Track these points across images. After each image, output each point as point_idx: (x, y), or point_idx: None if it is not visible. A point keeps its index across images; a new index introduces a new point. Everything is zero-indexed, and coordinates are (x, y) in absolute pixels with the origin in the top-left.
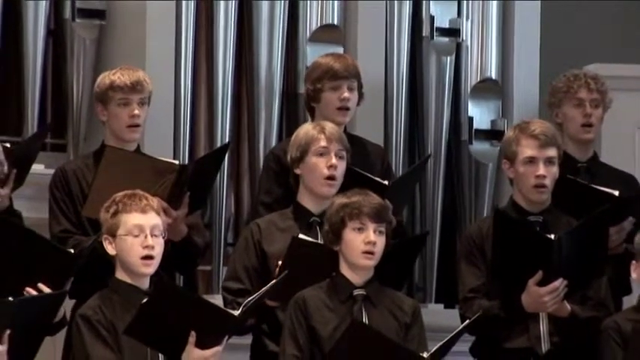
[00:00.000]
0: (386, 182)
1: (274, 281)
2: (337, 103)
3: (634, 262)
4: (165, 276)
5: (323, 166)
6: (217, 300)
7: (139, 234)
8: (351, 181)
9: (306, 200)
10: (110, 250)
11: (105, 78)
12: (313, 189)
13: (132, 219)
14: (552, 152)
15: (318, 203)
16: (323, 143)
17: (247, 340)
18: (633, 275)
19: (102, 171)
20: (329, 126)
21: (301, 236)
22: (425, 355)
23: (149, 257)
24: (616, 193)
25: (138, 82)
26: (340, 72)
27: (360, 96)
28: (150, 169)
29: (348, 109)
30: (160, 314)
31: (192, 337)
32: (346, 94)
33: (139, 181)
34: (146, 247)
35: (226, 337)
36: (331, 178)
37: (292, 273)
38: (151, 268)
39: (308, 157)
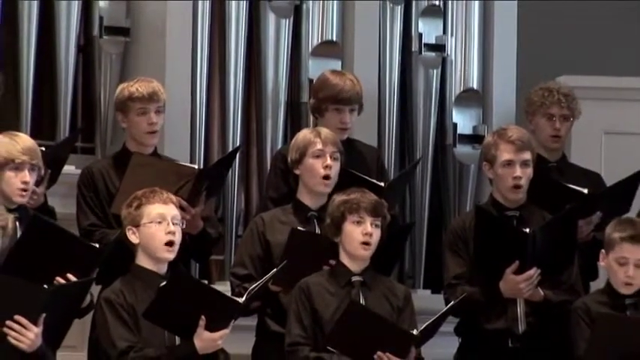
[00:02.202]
0: (382, 184)
1: (274, 270)
2: (338, 124)
3: (602, 251)
4: (181, 265)
5: (319, 167)
6: (229, 286)
7: (162, 221)
8: (351, 183)
9: (304, 197)
10: (134, 239)
11: (124, 90)
12: (311, 187)
13: (155, 209)
14: (527, 155)
15: (316, 200)
16: (319, 146)
17: (253, 321)
18: (602, 263)
19: (129, 174)
20: (324, 131)
21: (299, 228)
22: (415, 332)
23: (171, 243)
24: (585, 190)
25: (154, 93)
26: (345, 100)
27: (360, 111)
28: (171, 172)
29: (347, 129)
30: (174, 300)
31: (203, 321)
32: (347, 119)
33: (161, 183)
34: (168, 232)
35: (233, 321)
36: (327, 177)
37: (292, 261)
38: (172, 253)
39: (306, 159)
